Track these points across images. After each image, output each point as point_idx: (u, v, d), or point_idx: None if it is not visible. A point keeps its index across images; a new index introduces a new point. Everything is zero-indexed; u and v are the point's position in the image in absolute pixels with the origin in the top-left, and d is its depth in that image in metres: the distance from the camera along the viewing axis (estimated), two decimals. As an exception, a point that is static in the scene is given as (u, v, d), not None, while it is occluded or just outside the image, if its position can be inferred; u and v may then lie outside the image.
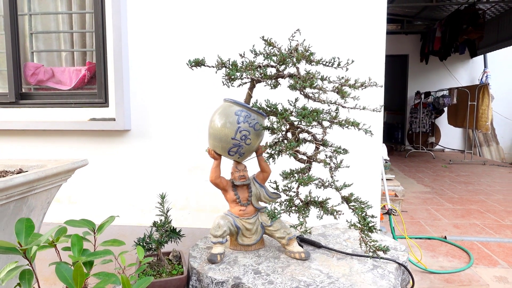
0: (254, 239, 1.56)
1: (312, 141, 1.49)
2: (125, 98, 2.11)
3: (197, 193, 2.15)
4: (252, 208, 1.56)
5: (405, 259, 1.49)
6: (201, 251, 1.58)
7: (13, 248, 0.66)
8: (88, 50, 2.34)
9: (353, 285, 1.26)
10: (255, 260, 1.47)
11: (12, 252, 0.65)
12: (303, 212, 1.40)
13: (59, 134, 2.16)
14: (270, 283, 1.28)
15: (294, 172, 1.42)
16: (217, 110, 1.51)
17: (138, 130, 2.15)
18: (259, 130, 1.49)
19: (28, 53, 2.33)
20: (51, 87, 2.32)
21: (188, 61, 1.51)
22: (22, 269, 0.68)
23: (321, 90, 1.49)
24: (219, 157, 1.53)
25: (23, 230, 0.67)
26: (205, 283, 1.35)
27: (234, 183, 1.54)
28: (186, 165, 2.15)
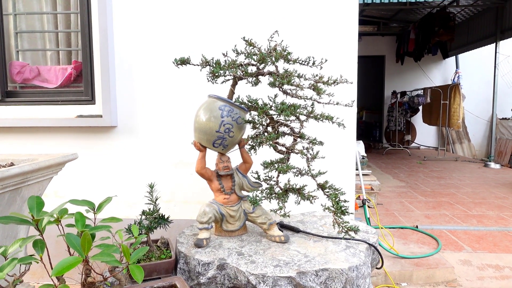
0: (238, 225, 1.67)
1: (290, 134, 1.62)
2: (111, 95, 2.19)
3: (183, 187, 2.24)
4: (235, 196, 1.68)
5: (375, 240, 1.63)
6: (188, 238, 1.68)
7: (27, 220, 0.75)
8: (73, 49, 2.41)
9: (327, 262, 1.40)
10: (238, 244, 1.59)
11: (26, 223, 0.74)
12: (283, 198, 1.53)
13: (47, 131, 2.22)
14: (252, 262, 1.40)
15: (274, 162, 1.55)
16: (202, 105, 1.62)
17: (125, 127, 2.23)
18: (242, 124, 1.61)
19: (13, 52, 2.38)
20: (37, 85, 2.37)
21: (174, 60, 1.61)
22: (35, 239, 0.78)
23: (298, 87, 1.62)
24: (204, 149, 1.63)
25: (35, 206, 0.77)
26: (192, 265, 1.46)
27: (219, 173, 1.65)
28: (171, 160, 2.25)
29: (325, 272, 1.35)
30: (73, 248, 0.74)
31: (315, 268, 1.35)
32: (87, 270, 0.89)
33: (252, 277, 1.33)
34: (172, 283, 1.17)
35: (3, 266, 0.73)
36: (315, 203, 2.15)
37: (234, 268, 1.39)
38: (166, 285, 1.16)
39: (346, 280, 1.36)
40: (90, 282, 0.87)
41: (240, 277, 1.37)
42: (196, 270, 1.44)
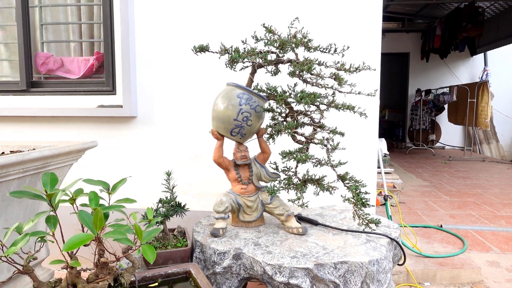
0: (255, 216, 1.64)
1: (310, 124, 1.58)
2: (132, 85, 2.20)
3: (200, 178, 2.23)
4: (253, 186, 1.65)
5: (397, 235, 1.57)
6: (204, 227, 1.66)
7: (40, 195, 0.75)
8: (96, 40, 2.44)
9: (347, 255, 1.35)
10: (255, 235, 1.56)
11: (39, 198, 0.74)
12: (301, 189, 1.49)
13: (69, 121, 2.25)
14: (269, 253, 1.37)
15: (292, 152, 1.51)
16: (220, 94, 1.60)
17: (144, 117, 2.24)
18: (260, 112, 1.58)
19: (38, 44, 2.43)
20: (61, 76, 2.41)
21: (193, 47, 1.59)
22: (48, 215, 0.77)
23: (318, 76, 1.58)
24: (222, 138, 1.61)
25: (49, 182, 0.76)
26: (208, 254, 1.44)
27: (236, 162, 1.63)
28: (189, 151, 2.24)
29: (344, 265, 1.31)
30: (85, 224, 0.73)
31: (333, 260, 1.31)
32: (100, 250, 0.88)
33: (268, 267, 1.30)
34: (187, 269, 1.15)
35: (16, 241, 0.73)
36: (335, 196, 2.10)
37: (250, 258, 1.37)
38: (180, 270, 1.15)
39: (366, 274, 1.31)
40: (103, 262, 0.86)
41: (256, 267, 1.35)
42: (212, 259, 1.42)
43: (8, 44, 2.50)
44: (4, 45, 2.51)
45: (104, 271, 0.88)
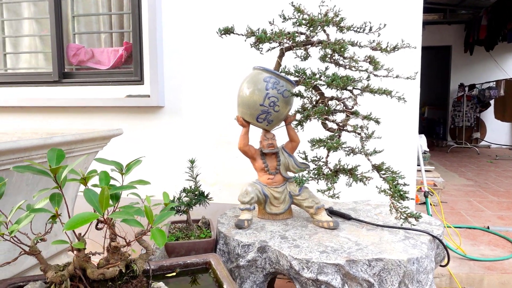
0: (282, 208, 1.55)
1: (342, 110, 1.46)
2: (159, 75, 2.17)
3: (227, 170, 2.17)
4: (280, 177, 1.55)
5: (440, 232, 1.42)
6: (229, 219, 1.59)
7: (44, 171, 0.70)
8: (125, 31, 2.43)
9: (382, 252, 1.22)
10: (282, 228, 1.46)
11: (43, 174, 0.69)
12: (332, 179, 1.37)
13: (98, 111, 2.26)
14: (296, 246, 1.27)
15: (323, 140, 1.40)
16: (246, 78, 1.51)
17: (171, 107, 2.20)
18: (288, 97, 1.48)
19: (70, 35, 2.46)
20: (91, 67, 2.43)
21: (218, 29, 1.52)
22: (52, 192, 0.72)
23: (352, 59, 1.46)
24: (248, 125, 1.53)
25: (55, 157, 0.71)
26: (232, 246, 1.36)
27: (263, 151, 1.54)
28: (216, 141, 2.18)
29: (379, 263, 1.18)
30: (90, 203, 0.67)
31: (367, 257, 1.19)
32: (111, 234, 0.82)
33: (295, 261, 1.20)
34: (207, 260, 1.08)
35: (20, 219, 0.68)
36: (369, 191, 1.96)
37: (276, 251, 1.27)
38: (200, 261, 1.07)
39: (405, 273, 1.18)
40: (114, 247, 0.80)
41: (282, 262, 1.25)
42: (236, 251, 1.34)
43: (42, 36, 2.55)
44: (39, 38, 2.56)
45: (115, 256, 0.82)
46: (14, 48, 2.61)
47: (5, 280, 0.94)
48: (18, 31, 2.60)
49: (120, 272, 0.82)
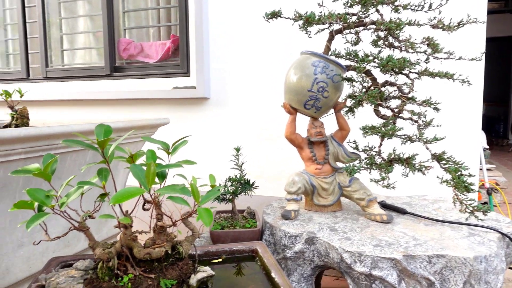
0: (331, 200, 1.47)
1: (397, 97, 1.36)
2: (204, 67, 2.17)
3: (272, 162, 2.12)
4: (329, 167, 1.48)
5: (511, 231, 1.27)
6: (275, 210, 1.54)
7: (91, 145, 0.69)
8: (172, 24, 2.47)
9: (444, 248, 1.11)
10: (331, 220, 1.39)
11: (89, 147, 0.68)
12: (386, 169, 1.28)
13: (146, 103, 2.32)
14: (347, 239, 1.19)
15: (376, 126, 1.31)
16: (294, 63, 1.46)
17: (217, 98, 2.20)
18: (338, 83, 1.40)
19: (121, 31, 2.54)
20: (140, 61, 2.50)
21: (264, 14, 1.48)
22: (100, 167, 0.72)
23: (408, 42, 1.35)
24: (295, 112, 1.47)
25: (102, 132, 0.70)
26: (278, 236, 1.31)
27: (310, 139, 1.48)
28: (262, 133, 2.14)
29: (441, 259, 1.07)
30: (137, 178, 0.65)
31: (427, 253, 1.08)
32: (158, 214, 0.80)
33: (346, 254, 1.12)
34: (253, 247, 1.04)
35: (69, 193, 0.68)
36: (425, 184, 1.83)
37: (325, 243, 1.20)
38: (246, 248, 1.03)
39: (471, 272, 1.06)
40: (160, 226, 0.78)
41: (332, 254, 1.18)
42: (282, 242, 1.29)
43: (95, 33, 2.66)
44: (92, 34, 2.68)
45: (162, 237, 0.80)
46: (70, 44, 2.74)
47: (57, 258, 0.96)
48: (74, 29, 2.73)
49: (166, 253, 0.80)
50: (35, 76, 2.73)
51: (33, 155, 1.13)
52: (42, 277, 0.81)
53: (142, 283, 0.75)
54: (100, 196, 0.83)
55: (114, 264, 0.75)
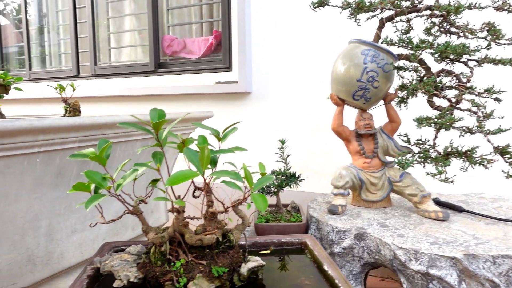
0: (380, 195, 1.41)
1: (455, 86, 1.27)
2: (247, 61, 2.17)
3: (315, 157, 2.07)
4: (378, 161, 1.41)
5: None
6: (320, 205, 1.50)
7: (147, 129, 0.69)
8: (214, 20, 2.49)
9: (511, 248, 1.02)
10: (381, 216, 1.32)
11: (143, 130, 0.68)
12: (442, 162, 1.20)
13: (190, 98, 2.35)
14: (400, 236, 1.13)
15: (431, 117, 1.23)
16: (341, 53, 1.41)
17: (259, 93, 2.18)
18: (389, 72, 1.34)
19: (165, 28, 2.60)
20: (183, 57, 2.53)
21: (311, 3, 1.44)
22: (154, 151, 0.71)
23: (466, 29, 1.26)
24: (342, 103, 1.42)
25: (156, 115, 0.70)
26: (325, 231, 1.27)
27: (359, 132, 1.42)
28: (304, 127, 2.10)
29: (507, 260, 0.99)
30: (191, 161, 0.64)
31: (491, 253, 1.00)
32: (208, 201, 0.79)
33: (400, 251, 1.06)
34: (302, 240, 1.00)
35: (125, 175, 0.68)
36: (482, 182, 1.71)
37: (376, 239, 1.15)
38: (294, 240, 1.00)
39: (542, 275, 0.97)
40: (211, 213, 0.77)
41: (384, 251, 1.12)
42: (330, 237, 1.25)
43: (140, 31, 2.74)
44: (137, 32, 2.76)
45: (212, 224, 0.79)
46: (117, 43, 2.84)
47: (109, 243, 0.98)
48: (120, 28, 2.82)
49: (217, 240, 0.79)
50: (85, 74, 2.86)
51: (86, 144, 1.17)
52: (97, 260, 0.83)
53: (194, 269, 0.74)
54: (152, 182, 0.84)
55: (166, 249, 0.75)
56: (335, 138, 1.51)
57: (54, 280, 1.25)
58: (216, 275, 0.73)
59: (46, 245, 1.18)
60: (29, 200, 1.08)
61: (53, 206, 1.17)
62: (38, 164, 1.06)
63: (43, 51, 3.19)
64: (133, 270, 0.76)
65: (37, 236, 1.15)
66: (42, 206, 1.13)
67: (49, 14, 3.15)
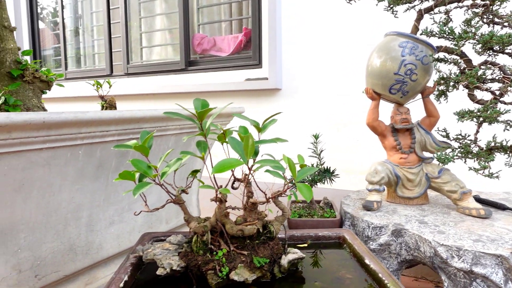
0: (417, 192, 1.37)
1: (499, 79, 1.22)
2: (277, 58, 2.16)
3: (347, 154, 2.04)
4: (415, 157, 1.37)
5: None
6: (354, 201, 1.47)
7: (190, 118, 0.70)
8: (244, 17, 2.49)
9: (563, 247, 0.97)
10: (418, 213, 1.29)
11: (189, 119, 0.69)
12: (486, 157, 1.15)
13: (220, 95, 2.36)
14: (440, 232, 1.09)
15: (473, 111, 1.18)
16: (377, 46, 1.38)
17: (289, 89, 2.17)
18: (428, 64, 1.30)
19: (195, 26, 2.63)
20: (213, 55, 2.56)
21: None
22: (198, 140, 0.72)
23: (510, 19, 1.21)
24: (378, 97, 1.39)
25: (200, 105, 0.71)
26: (360, 227, 1.25)
27: (395, 127, 1.38)
28: (334, 124, 2.07)
29: (558, 260, 0.94)
30: (236, 150, 0.65)
31: (540, 251, 0.95)
32: (248, 192, 0.79)
33: (441, 248, 1.03)
34: (340, 234, 0.99)
35: (170, 164, 0.69)
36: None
37: (415, 236, 1.11)
38: (332, 234, 0.99)
39: None
40: (252, 203, 0.77)
41: (423, 248, 1.09)
42: (365, 233, 1.22)
43: (171, 30, 2.78)
44: (168, 31, 2.81)
45: (252, 214, 0.79)
46: (148, 42, 2.90)
47: (149, 233, 1.00)
48: (151, 27, 2.88)
49: (258, 231, 0.79)
50: (117, 73, 2.93)
51: (124, 137, 1.20)
52: (139, 248, 0.84)
53: (235, 259, 0.74)
54: (192, 172, 0.85)
55: (208, 238, 0.75)
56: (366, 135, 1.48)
57: (93, 269, 1.29)
58: (258, 265, 0.73)
59: (87, 235, 1.22)
60: (72, 191, 1.12)
61: (93, 198, 1.21)
62: (81, 156, 1.10)
63: (78, 52, 3.31)
64: (175, 259, 0.77)
65: (78, 226, 1.19)
66: (83, 197, 1.17)
67: (84, 16, 3.25)
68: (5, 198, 0.95)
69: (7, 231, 0.99)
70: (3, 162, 0.91)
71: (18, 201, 0.98)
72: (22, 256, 1.04)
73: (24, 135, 0.90)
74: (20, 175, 0.96)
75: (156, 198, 1.45)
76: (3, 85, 1.28)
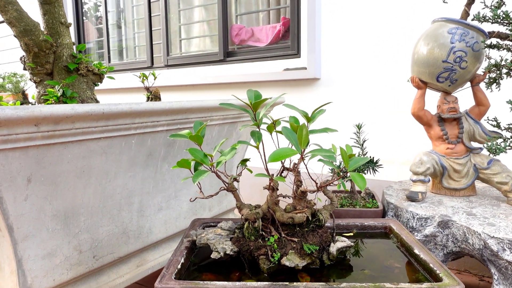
0: (464, 183, 1.33)
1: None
2: (316, 47, 2.14)
3: (388, 144, 2.01)
4: (462, 147, 1.34)
5: None
6: (397, 192, 1.46)
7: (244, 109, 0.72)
8: (282, 7, 2.49)
9: None
10: (465, 204, 1.26)
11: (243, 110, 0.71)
12: (542, 148, 1.10)
13: (258, 85, 2.38)
14: (490, 225, 1.07)
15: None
16: (424, 33, 1.34)
17: (328, 78, 2.15)
18: (479, 51, 1.25)
19: (233, 17, 2.65)
20: (251, 45, 2.57)
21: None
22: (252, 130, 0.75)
23: None
24: (424, 86, 1.36)
25: (253, 96, 0.73)
26: (405, 217, 1.24)
27: (442, 116, 1.35)
28: (375, 114, 2.03)
29: None
30: (290, 140, 0.67)
31: None
32: (298, 181, 0.81)
33: (492, 240, 1.01)
34: (386, 224, 0.99)
35: (225, 152, 0.73)
36: None
37: (463, 227, 1.09)
38: (378, 224, 1.00)
39: None
40: (301, 192, 0.79)
41: (472, 240, 1.07)
42: (410, 224, 1.21)
43: (209, 21, 2.82)
44: (206, 23, 2.85)
45: (302, 203, 0.81)
46: (187, 34, 2.96)
47: (199, 219, 1.04)
48: (190, 19, 2.94)
49: (307, 219, 0.81)
50: (158, 64, 3.02)
51: (172, 127, 1.25)
52: (193, 233, 0.89)
53: (286, 246, 0.77)
54: (242, 162, 0.88)
55: (259, 225, 0.78)
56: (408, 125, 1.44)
57: (143, 253, 1.37)
58: (308, 252, 0.76)
59: (138, 220, 1.29)
60: (125, 178, 1.19)
61: (143, 185, 1.28)
62: (133, 145, 1.16)
63: (120, 45, 3.43)
64: (228, 244, 0.81)
65: (131, 211, 1.26)
66: (135, 184, 1.24)
67: (125, 10, 3.36)
68: (69, 183, 1.03)
69: (69, 214, 1.07)
70: (67, 151, 0.98)
71: (79, 187, 1.06)
72: (82, 238, 1.12)
73: (86, 125, 0.97)
74: (81, 163, 1.03)
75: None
76: (61, 78, 1.36)
